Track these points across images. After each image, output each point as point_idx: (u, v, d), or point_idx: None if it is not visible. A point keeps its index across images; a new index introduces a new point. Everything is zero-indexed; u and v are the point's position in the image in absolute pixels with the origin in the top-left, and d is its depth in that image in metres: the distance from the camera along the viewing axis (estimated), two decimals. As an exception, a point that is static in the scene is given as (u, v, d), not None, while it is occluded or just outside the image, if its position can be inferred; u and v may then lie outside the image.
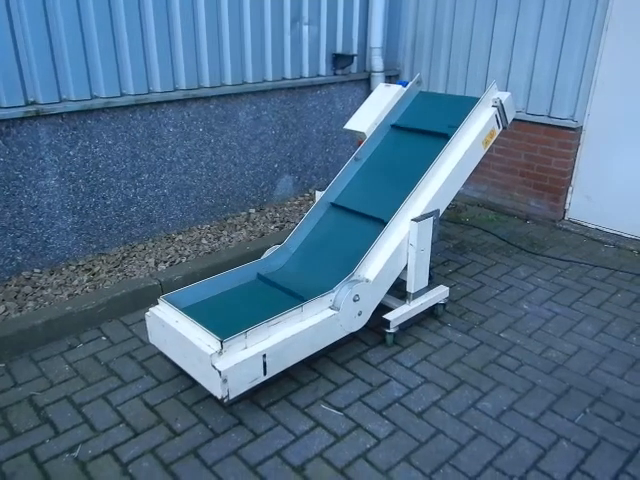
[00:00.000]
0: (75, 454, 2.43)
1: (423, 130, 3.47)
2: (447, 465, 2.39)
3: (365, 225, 3.21)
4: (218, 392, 2.42)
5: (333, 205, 3.43)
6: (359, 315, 2.93)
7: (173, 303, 2.76)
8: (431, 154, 3.21)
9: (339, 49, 5.02)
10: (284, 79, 4.71)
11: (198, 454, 2.44)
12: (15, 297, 3.39)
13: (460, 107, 3.39)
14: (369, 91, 5.11)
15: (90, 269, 3.76)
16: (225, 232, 4.43)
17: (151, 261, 3.88)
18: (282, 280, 3.13)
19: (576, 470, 2.37)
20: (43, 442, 2.50)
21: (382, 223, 3.06)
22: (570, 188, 4.78)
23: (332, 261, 3.16)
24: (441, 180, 3.16)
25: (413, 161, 3.35)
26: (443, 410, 2.71)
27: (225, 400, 2.44)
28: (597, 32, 4.27)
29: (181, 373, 2.88)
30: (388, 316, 3.13)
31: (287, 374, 2.87)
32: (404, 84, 3.72)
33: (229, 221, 4.64)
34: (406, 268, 3.13)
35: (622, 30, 4.19)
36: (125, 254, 3.98)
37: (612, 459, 2.43)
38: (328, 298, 2.82)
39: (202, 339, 2.50)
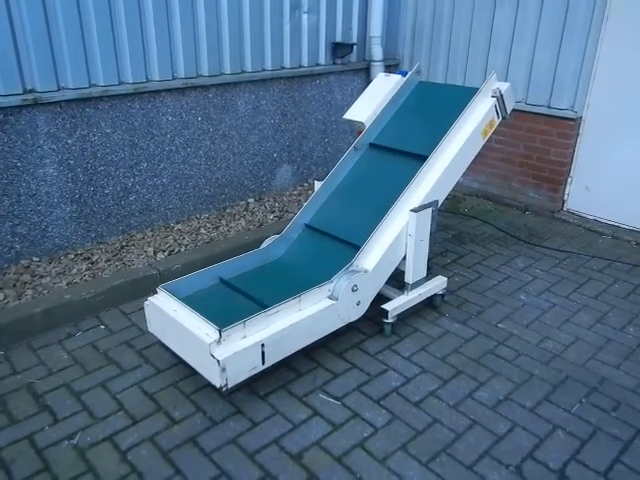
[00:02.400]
0: (74, 441, 2.45)
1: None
2: (444, 454, 2.41)
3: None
4: (217, 381, 2.43)
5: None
6: (357, 305, 2.94)
7: (172, 292, 2.77)
8: (430, 145, 3.21)
9: (338, 38, 5.00)
10: (283, 68, 4.69)
11: (197, 442, 2.45)
12: (14, 285, 3.39)
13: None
14: (368, 81, 5.09)
15: (89, 258, 3.76)
16: (224, 222, 4.43)
17: (150, 250, 3.88)
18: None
19: (571, 459, 2.39)
20: (42, 429, 2.51)
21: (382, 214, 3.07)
22: (569, 179, 4.77)
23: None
24: (440, 170, 3.15)
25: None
26: (440, 400, 2.72)
27: (224, 389, 2.45)
28: (597, 22, 4.25)
29: (180, 362, 2.89)
30: (386, 306, 3.14)
31: (285, 363, 2.88)
32: (403, 74, 3.71)
33: (228, 211, 4.64)
34: (405, 258, 3.14)
35: (622, 21, 4.17)
36: (124, 243, 3.98)
37: (607, 449, 2.45)
38: (326, 288, 2.83)
39: (201, 328, 2.51)
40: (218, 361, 2.38)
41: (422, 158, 3.16)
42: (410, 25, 5.42)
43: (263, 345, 2.53)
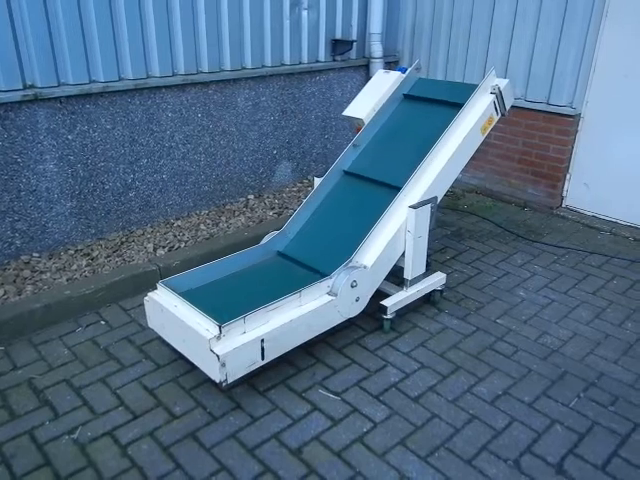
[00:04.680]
0: (75, 436, 2.46)
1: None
2: (442, 449, 2.42)
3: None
4: (216, 376, 2.44)
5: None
6: (357, 301, 2.95)
7: (172, 288, 2.77)
8: (430, 139, 3.21)
9: (338, 35, 5.00)
10: (283, 65, 4.69)
11: (197, 437, 2.46)
12: (14, 281, 3.40)
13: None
14: (368, 77, 5.09)
15: (89, 254, 3.76)
16: (223, 218, 4.43)
17: (150, 246, 3.89)
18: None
19: (569, 453, 2.40)
20: (43, 424, 2.52)
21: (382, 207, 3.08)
22: (568, 175, 4.78)
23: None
24: (439, 167, 3.16)
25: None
26: (439, 395, 2.74)
27: (223, 384, 2.46)
28: (596, 18, 4.25)
29: (180, 357, 2.90)
30: (385, 302, 3.15)
31: (285, 359, 2.89)
32: (403, 70, 3.71)
33: (227, 207, 4.65)
34: (404, 255, 3.15)
35: (621, 16, 4.18)
36: (124, 239, 3.99)
37: (605, 443, 2.46)
38: (326, 284, 2.84)
39: (201, 323, 2.52)
40: (218, 356, 2.39)
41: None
42: (410, 22, 5.42)
43: (263, 340, 2.54)
